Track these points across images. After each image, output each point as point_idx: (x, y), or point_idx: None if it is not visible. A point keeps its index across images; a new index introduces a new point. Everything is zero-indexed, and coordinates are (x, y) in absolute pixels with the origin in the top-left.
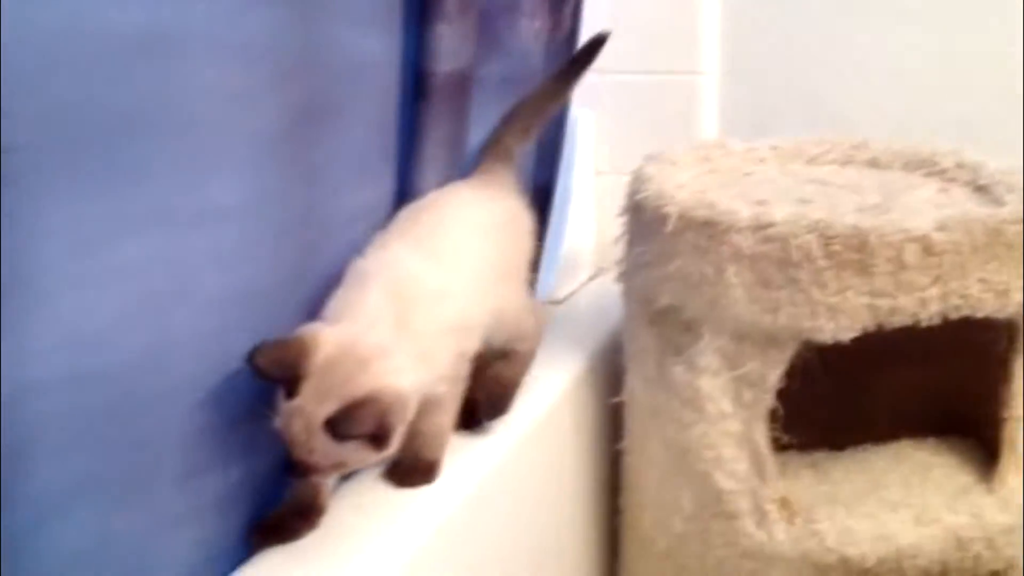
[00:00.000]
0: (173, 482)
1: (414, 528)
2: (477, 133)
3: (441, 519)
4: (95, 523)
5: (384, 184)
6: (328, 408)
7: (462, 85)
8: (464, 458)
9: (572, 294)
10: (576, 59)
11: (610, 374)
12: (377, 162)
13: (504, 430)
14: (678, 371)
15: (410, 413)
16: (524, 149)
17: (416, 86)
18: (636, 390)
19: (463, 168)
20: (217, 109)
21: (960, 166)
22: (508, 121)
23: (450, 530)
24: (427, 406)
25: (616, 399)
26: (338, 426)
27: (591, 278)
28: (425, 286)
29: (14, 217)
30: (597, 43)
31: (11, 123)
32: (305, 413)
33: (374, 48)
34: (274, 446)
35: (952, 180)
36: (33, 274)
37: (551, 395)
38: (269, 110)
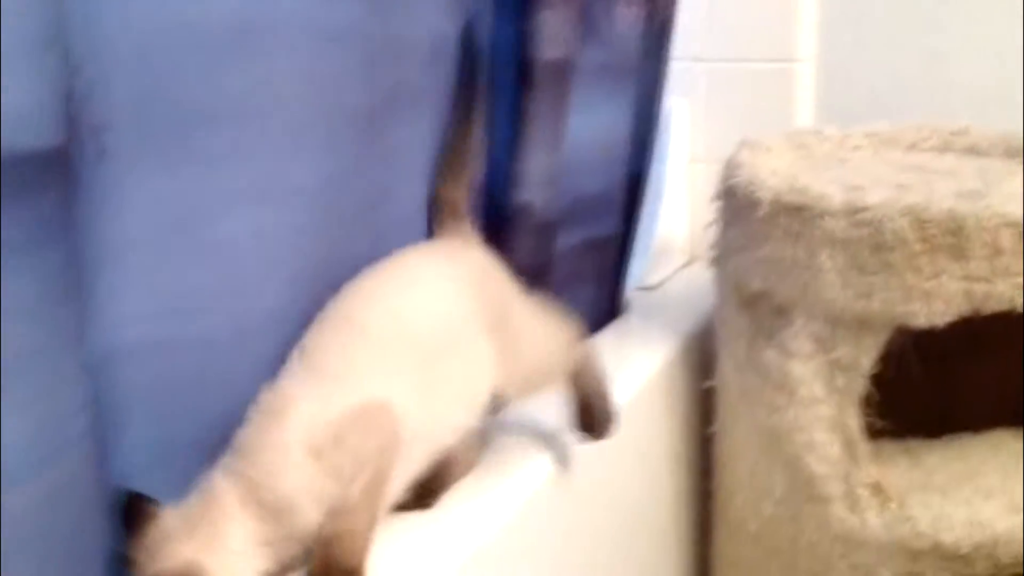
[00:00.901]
0: None
1: (502, 505)
2: (576, 121)
3: (530, 497)
4: (175, 486)
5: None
6: None
7: (564, 73)
8: (555, 438)
9: (664, 280)
10: (462, 76)
11: (701, 359)
12: None
13: None
14: (770, 355)
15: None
16: (466, 192)
17: (518, 73)
18: (727, 374)
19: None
20: (303, 94)
21: None
22: (438, 174)
23: (540, 509)
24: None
25: (708, 383)
26: None
27: (684, 265)
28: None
29: (110, 190)
30: (469, 42)
31: (109, 103)
32: None
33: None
34: None
35: None
36: (129, 245)
37: (643, 379)
38: (354, 95)
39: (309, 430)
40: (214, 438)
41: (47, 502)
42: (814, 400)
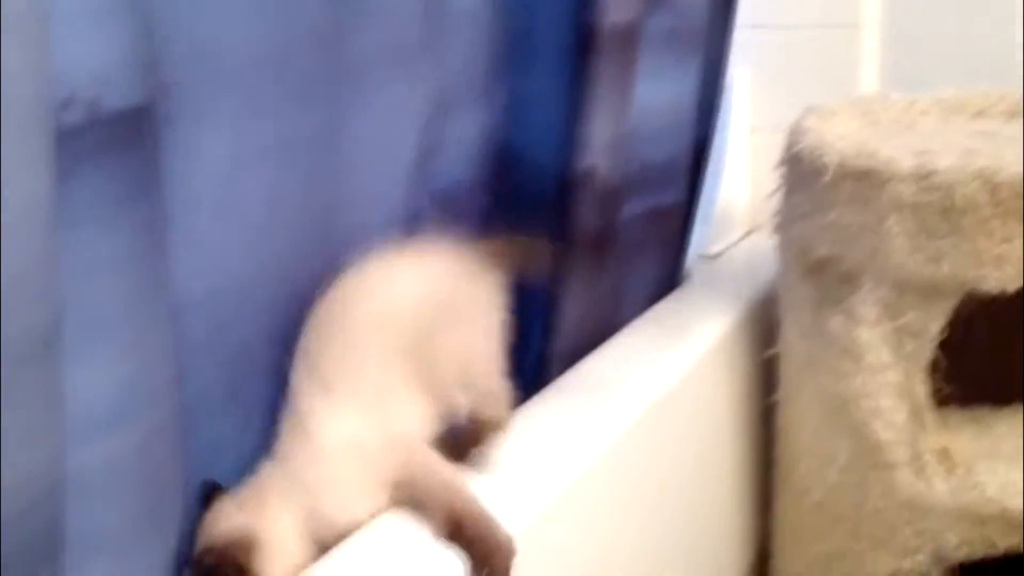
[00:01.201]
0: None
1: (561, 471)
2: (643, 88)
3: (591, 464)
4: (209, 428)
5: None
6: None
7: (630, 38)
8: (615, 405)
9: (726, 250)
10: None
11: (763, 328)
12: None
13: (657, 381)
14: (836, 322)
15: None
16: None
17: (579, 38)
18: (791, 342)
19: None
20: (312, 46)
21: None
22: None
23: (599, 475)
24: None
25: (770, 352)
26: None
27: (745, 234)
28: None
29: (177, 147)
30: None
31: (173, 63)
32: None
33: None
34: None
35: None
36: (188, 202)
37: (704, 348)
38: (350, 48)
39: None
40: (265, 384)
41: (142, 447)
42: (881, 366)
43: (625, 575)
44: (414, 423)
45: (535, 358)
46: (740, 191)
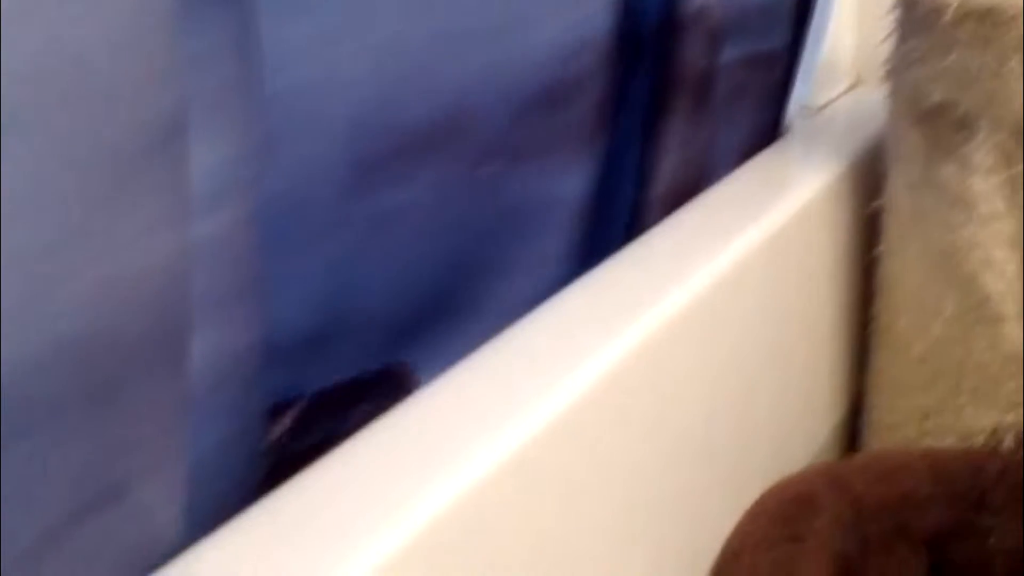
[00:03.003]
0: None
1: (654, 317)
2: None
3: (683, 311)
4: None
5: None
6: None
7: None
8: (710, 255)
9: (830, 102)
10: None
11: (868, 181)
12: None
13: (754, 233)
14: (948, 171)
15: None
16: None
17: None
18: (898, 194)
19: None
20: None
21: None
22: None
23: (692, 322)
24: None
25: (875, 204)
26: None
27: (850, 87)
28: None
29: None
30: None
31: None
32: None
33: None
34: None
35: None
36: None
37: (805, 200)
38: None
39: None
40: None
41: (234, 234)
42: (994, 216)
43: (715, 420)
44: None
45: (630, 205)
46: (847, 41)
